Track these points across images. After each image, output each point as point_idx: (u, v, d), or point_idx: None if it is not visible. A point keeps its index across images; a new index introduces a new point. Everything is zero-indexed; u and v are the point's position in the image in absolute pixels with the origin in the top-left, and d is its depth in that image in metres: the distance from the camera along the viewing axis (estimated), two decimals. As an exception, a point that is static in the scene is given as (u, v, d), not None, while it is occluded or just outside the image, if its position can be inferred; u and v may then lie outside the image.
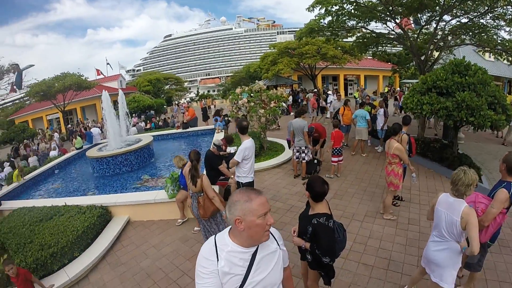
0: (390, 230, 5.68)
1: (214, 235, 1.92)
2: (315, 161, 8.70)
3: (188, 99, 66.49)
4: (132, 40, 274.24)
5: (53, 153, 15.10)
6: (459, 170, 3.13)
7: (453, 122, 7.77)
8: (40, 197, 9.31)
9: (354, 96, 26.16)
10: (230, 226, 1.90)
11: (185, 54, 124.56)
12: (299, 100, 24.28)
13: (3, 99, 21.81)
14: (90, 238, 6.32)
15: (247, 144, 5.18)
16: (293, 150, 8.57)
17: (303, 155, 8.29)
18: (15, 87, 39.79)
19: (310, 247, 3.01)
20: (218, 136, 11.04)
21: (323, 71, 30.39)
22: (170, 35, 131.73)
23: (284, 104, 19.77)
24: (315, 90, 23.73)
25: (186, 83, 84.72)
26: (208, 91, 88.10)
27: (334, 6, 12.50)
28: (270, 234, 1.96)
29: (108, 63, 52.20)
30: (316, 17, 13.50)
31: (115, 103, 19.36)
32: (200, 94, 74.69)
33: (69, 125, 30.45)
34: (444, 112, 7.67)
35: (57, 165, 12.57)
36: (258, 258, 1.82)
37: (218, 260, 1.74)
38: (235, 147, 8.74)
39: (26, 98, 29.62)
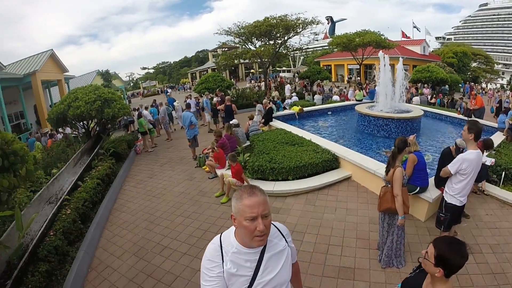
0: None
1: (220, 234, 1.89)
2: None
3: (497, 85, 53.92)
4: (446, 5, 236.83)
5: (335, 98, 17.59)
6: None
7: None
8: (298, 127, 11.40)
9: None
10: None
11: (503, 29, 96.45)
12: None
13: (306, 45, 26.73)
14: (307, 172, 7.46)
15: (471, 155, 4.04)
16: None
17: None
18: (328, 34, 48.54)
19: None
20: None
21: None
22: (485, 4, 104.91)
23: None
24: None
25: (498, 66, 67.63)
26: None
27: None
28: (278, 231, 1.92)
29: (414, 26, 49.74)
30: None
31: (413, 67, 18.91)
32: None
33: (358, 77, 33.37)
34: None
35: (333, 108, 14.90)
36: (266, 257, 1.77)
37: (223, 261, 1.73)
38: (491, 160, 6.96)
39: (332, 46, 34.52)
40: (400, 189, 4.17)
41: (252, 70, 54.69)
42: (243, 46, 24.94)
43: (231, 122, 10.41)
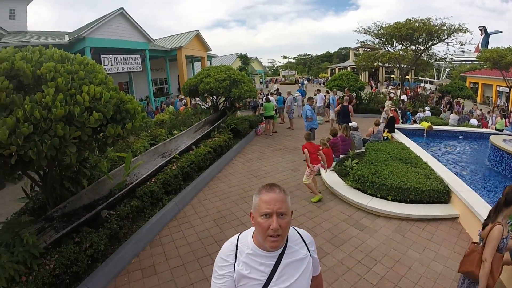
0: None
1: (239, 233, 1.83)
2: None
3: None
4: None
5: (473, 121, 15.42)
6: None
7: None
8: (421, 145, 10.47)
9: None
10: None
11: None
12: None
13: (451, 55, 23.33)
14: (410, 198, 6.55)
15: None
16: None
17: None
18: (480, 47, 41.30)
19: None
20: None
21: None
22: None
23: None
24: None
25: None
26: None
27: None
28: (300, 238, 1.84)
29: None
30: None
31: None
32: None
33: (505, 103, 27.95)
34: None
35: (466, 132, 13.09)
36: (283, 264, 1.68)
37: (235, 262, 1.69)
38: None
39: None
40: (491, 254, 3.20)
41: (392, 75, 51.62)
42: (382, 48, 23.71)
43: (350, 124, 10.22)
